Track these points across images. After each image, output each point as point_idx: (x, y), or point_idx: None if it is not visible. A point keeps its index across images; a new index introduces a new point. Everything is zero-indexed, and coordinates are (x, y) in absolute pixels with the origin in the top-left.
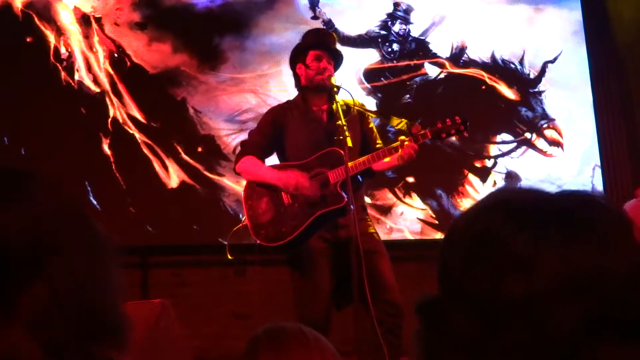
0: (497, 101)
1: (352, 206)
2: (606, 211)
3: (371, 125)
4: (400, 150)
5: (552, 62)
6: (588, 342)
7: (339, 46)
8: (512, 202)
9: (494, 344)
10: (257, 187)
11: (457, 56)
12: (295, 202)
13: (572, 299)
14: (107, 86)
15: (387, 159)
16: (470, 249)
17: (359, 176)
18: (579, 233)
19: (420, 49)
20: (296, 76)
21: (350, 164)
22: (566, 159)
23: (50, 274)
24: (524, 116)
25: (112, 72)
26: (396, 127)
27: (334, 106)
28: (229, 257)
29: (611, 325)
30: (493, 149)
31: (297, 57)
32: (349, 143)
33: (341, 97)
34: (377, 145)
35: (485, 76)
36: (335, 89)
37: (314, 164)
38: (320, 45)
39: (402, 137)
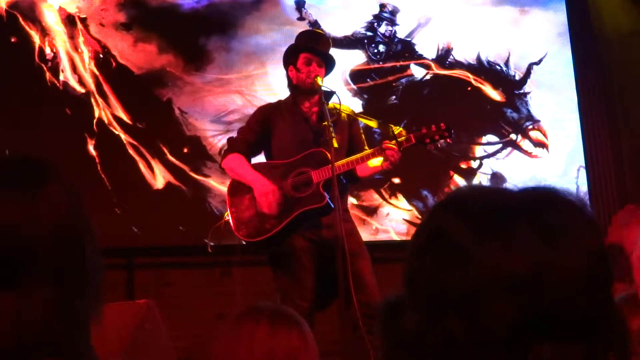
0: (483, 102)
1: (332, 205)
2: (564, 207)
3: (360, 131)
4: (382, 152)
5: (537, 63)
6: (524, 341)
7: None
8: (466, 200)
9: (430, 339)
10: (241, 184)
11: (443, 57)
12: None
13: (508, 296)
14: (93, 87)
15: (371, 164)
16: (421, 244)
17: (343, 178)
18: (523, 231)
19: (406, 50)
20: (288, 77)
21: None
22: (551, 160)
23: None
24: (509, 117)
25: (97, 73)
26: (384, 131)
27: (322, 107)
28: (209, 250)
29: (550, 325)
30: (478, 150)
31: (288, 58)
32: (335, 144)
33: (333, 101)
34: (363, 151)
35: (470, 77)
36: (323, 92)
37: (298, 164)
38: (311, 49)
39: (387, 141)
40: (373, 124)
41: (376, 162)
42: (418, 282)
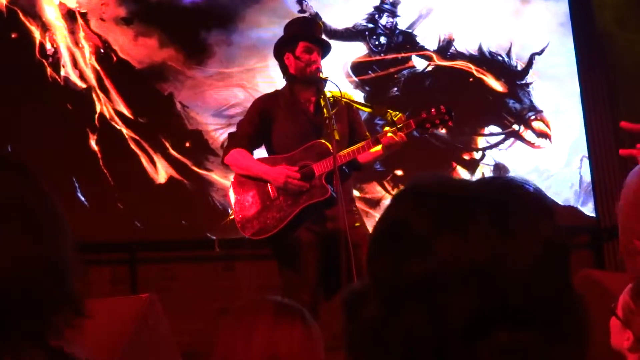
0: (485, 93)
1: (335, 195)
2: (519, 198)
3: (359, 115)
4: (383, 139)
5: (539, 54)
6: (483, 329)
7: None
8: (425, 190)
9: (393, 328)
10: (244, 181)
11: (445, 49)
12: (281, 194)
13: (466, 286)
14: (94, 82)
15: (372, 150)
16: (381, 234)
17: (345, 168)
18: (480, 221)
19: (407, 41)
20: (283, 65)
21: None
22: (554, 151)
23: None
24: (512, 108)
25: (98, 68)
26: (382, 118)
27: (321, 99)
28: (217, 249)
29: (509, 313)
30: (481, 141)
31: (285, 45)
32: (337, 136)
33: (329, 89)
34: (364, 137)
35: (472, 68)
36: (322, 82)
37: (299, 157)
38: (312, 37)
39: (387, 128)
40: (369, 110)
41: (376, 147)
42: (379, 272)
